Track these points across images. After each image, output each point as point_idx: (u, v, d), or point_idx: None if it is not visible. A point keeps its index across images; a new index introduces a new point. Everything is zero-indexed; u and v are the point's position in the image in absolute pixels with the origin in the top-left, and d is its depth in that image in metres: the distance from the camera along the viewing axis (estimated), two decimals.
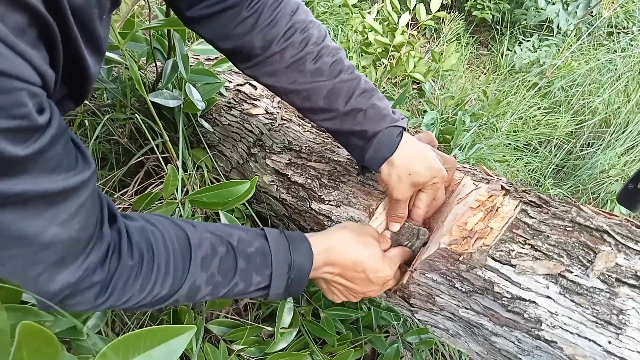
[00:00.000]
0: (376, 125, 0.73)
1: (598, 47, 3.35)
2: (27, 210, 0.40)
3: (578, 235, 0.62)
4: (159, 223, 0.60)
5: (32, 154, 0.38)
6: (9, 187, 0.37)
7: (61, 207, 0.44)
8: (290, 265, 0.65)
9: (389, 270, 0.71)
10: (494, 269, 0.64)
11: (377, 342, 1.19)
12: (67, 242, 0.46)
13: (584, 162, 2.57)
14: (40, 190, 0.40)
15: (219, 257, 0.61)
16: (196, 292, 0.60)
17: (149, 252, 0.56)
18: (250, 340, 1.02)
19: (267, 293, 0.66)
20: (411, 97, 2.33)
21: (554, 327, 0.58)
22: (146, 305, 0.58)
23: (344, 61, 0.75)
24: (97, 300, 0.52)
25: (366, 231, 0.74)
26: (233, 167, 1.06)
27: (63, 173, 0.43)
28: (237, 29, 0.72)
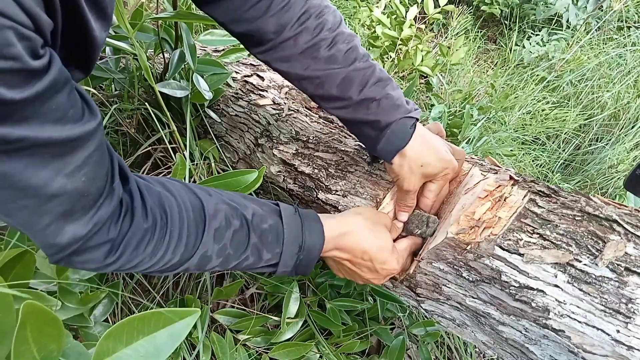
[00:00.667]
0: (390, 116, 0.72)
1: (608, 41, 3.31)
2: (32, 159, 0.40)
3: (587, 225, 0.62)
4: (176, 189, 0.59)
5: (30, 98, 0.37)
6: (9, 132, 0.37)
7: (67, 158, 0.43)
8: (301, 246, 0.66)
9: (395, 264, 0.71)
10: (501, 257, 0.63)
11: (383, 333, 1.19)
12: (74, 194, 0.45)
13: (592, 157, 2.55)
14: (43, 137, 0.39)
15: (232, 230, 0.61)
16: (207, 262, 0.60)
17: (163, 218, 0.56)
18: (256, 330, 1.02)
19: (275, 270, 0.67)
20: (419, 90, 2.32)
21: (561, 316, 0.58)
22: (155, 271, 0.58)
23: (358, 49, 0.74)
24: (106, 259, 0.52)
25: (380, 220, 0.74)
26: (240, 157, 1.06)
27: (69, 124, 0.42)
28: (249, 12, 0.70)
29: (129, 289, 0.91)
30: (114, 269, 0.54)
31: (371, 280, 0.74)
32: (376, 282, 0.74)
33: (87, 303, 0.71)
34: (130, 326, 0.47)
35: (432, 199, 0.77)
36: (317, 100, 0.77)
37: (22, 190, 0.41)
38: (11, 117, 0.37)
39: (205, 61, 1.07)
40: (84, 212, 0.48)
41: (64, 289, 0.69)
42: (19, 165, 0.39)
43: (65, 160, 0.43)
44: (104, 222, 0.50)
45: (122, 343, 0.46)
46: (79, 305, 0.70)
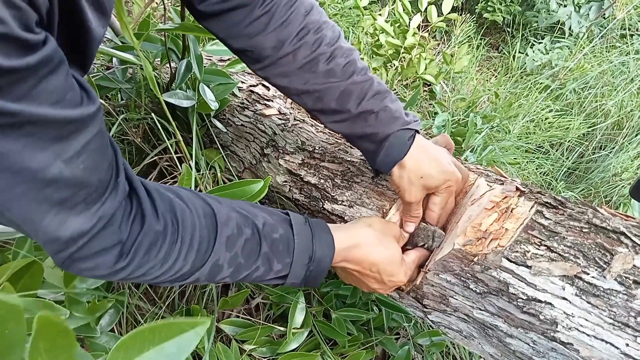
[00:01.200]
0: (387, 128, 0.73)
1: (611, 49, 3.32)
2: (29, 140, 0.38)
3: (594, 237, 0.62)
4: (186, 196, 0.59)
5: (22, 69, 0.35)
6: (3, 105, 0.35)
7: (66, 142, 0.42)
8: (312, 257, 0.65)
9: (403, 276, 0.71)
10: (509, 270, 0.63)
11: (388, 343, 1.18)
12: (72, 182, 0.43)
13: (596, 165, 2.55)
14: (39, 114, 0.38)
15: (244, 238, 0.60)
16: (218, 272, 0.59)
17: (174, 224, 0.55)
18: (261, 340, 1.02)
19: (284, 282, 0.66)
20: (422, 99, 2.33)
21: (570, 329, 0.58)
22: (164, 281, 0.57)
23: (357, 62, 0.74)
24: (116, 264, 0.51)
25: (389, 231, 0.74)
26: (246, 167, 1.07)
27: (67, 107, 0.41)
28: (249, 27, 0.71)
29: (135, 299, 0.91)
30: (123, 276, 0.53)
31: (378, 290, 0.74)
32: (382, 292, 0.75)
33: (95, 312, 0.72)
34: (140, 337, 0.45)
35: (437, 212, 0.77)
36: (316, 115, 0.78)
37: (18, 173, 0.39)
38: (6, 91, 0.36)
39: (211, 71, 1.07)
40: (87, 206, 0.46)
41: (72, 298, 0.69)
42: (16, 146, 0.38)
43: (63, 144, 0.41)
44: (110, 217, 0.49)
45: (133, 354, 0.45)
46: (87, 315, 0.71)
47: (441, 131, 1.74)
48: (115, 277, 0.53)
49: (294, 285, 0.68)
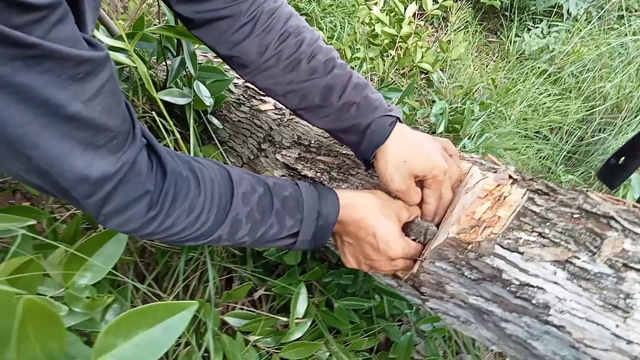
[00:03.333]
0: (369, 117, 0.76)
1: (609, 31, 3.30)
2: (51, 77, 0.42)
3: (585, 222, 0.63)
4: (201, 159, 0.64)
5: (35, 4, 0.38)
6: (24, 37, 0.39)
7: (82, 83, 0.45)
8: (319, 212, 0.70)
9: (399, 247, 0.72)
10: (502, 256, 0.65)
11: (391, 330, 1.20)
12: (91, 122, 0.47)
13: (595, 148, 2.55)
14: (57, 49, 0.41)
15: (258, 195, 0.66)
16: (238, 227, 0.64)
17: (196, 180, 0.59)
18: (266, 331, 1.04)
19: (295, 241, 0.71)
20: (419, 87, 2.33)
21: (562, 312, 0.59)
22: (190, 237, 0.61)
23: (336, 59, 0.78)
24: (147, 214, 0.55)
25: (392, 204, 0.76)
26: (244, 162, 1.08)
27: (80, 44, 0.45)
28: (234, 35, 0.75)
29: (140, 296, 0.93)
30: (154, 227, 0.57)
31: (374, 264, 0.75)
32: (379, 267, 0.75)
33: (95, 308, 0.72)
34: (128, 320, 0.47)
35: (433, 204, 0.77)
36: (302, 113, 0.82)
37: (41, 105, 0.42)
38: (26, 29, 0.39)
39: (206, 68, 1.08)
40: (110, 151, 0.50)
41: (71, 294, 0.70)
42: (38, 81, 0.41)
43: (80, 85, 0.45)
44: (132, 164, 0.53)
45: (122, 338, 0.47)
46: (87, 310, 0.71)
47: (439, 119, 1.75)
48: (147, 228, 0.57)
49: (304, 245, 0.71)
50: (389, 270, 0.77)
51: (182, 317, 0.49)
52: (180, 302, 0.49)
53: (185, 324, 0.49)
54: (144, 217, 0.55)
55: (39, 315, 0.44)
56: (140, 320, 0.47)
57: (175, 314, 0.48)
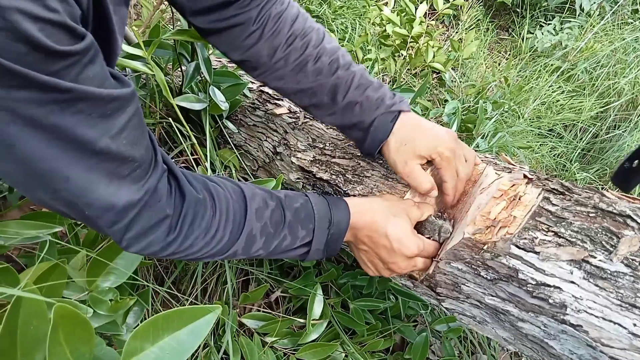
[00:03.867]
0: (371, 115, 0.80)
1: (623, 26, 3.26)
2: (81, 117, 0.45)
3: (601, 221, 0.63)
4: (215, 178, 0.68)
5: (72, 53, 0.42)
6: (60, 82, 0.42)
7: (110, 120, 0.48)
8: (331, 220, 0.72)
9: (412, 244, 0.73)
10: (518, 256, 0.65)
11: (406, 331, 1.21)
12: (118, 155, 0.50)
13: (610, 145, 2.52)
14: (88, 91, 0.44)
15: (270, 209, 0.69)
16: (252, 242, 0.67)
17: (211, 198, 0.63)
18: (282, 332, 1.05)
19: (309, 250, 0.73)
20: (432, 86, 2.33)
21: (578, 311, 0.59)
22: (207, 254, 0.64)
23: (340, 60, 0.82)
24: (167, 238, 0.58)
25: (401, 205, 0.77)
26: (260, 165, 1.10)
27: (106, 82, 0.47)
28: (245, 41, 0.79)
29: (159, 299, 0.95)
30: (174, 249, 0.60)
31: (391, 266, 0.75)
32: (397, 268, 0.75)
33: (118, 310, 0.74)
34: (155, 325, 0.49)
35: (451, 182, 0.78)
36: (312, 110, 0.86)
37: (71, 142, 0.45)
38: (60, 74, 0.42)
39: (221, 73, 1.10)
40: (134, 180, 0.53)
41: (95, 297, 0.72)
42: (71, 121, 0.44)
43: (108, 122, 0.48)
44: (154, 191, 0.56)
45: (149, 342, 0.49)
46: (110, 313, 0.73)
47: (452, 119, 1.74)
48: (166, 251, 0.60)
49: (317, 255, 0.74)
50: (408, 271, 0.77)
51: (207, 320, 0.50)
52: (205, 306, 0.51)
53: (210, 327, 0.50)
54: (164, 240, 0.58)
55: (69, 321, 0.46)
56: (166, 324, 0.49)
57: (199, 317, 0.50)
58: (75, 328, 0.47)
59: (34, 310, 0.50)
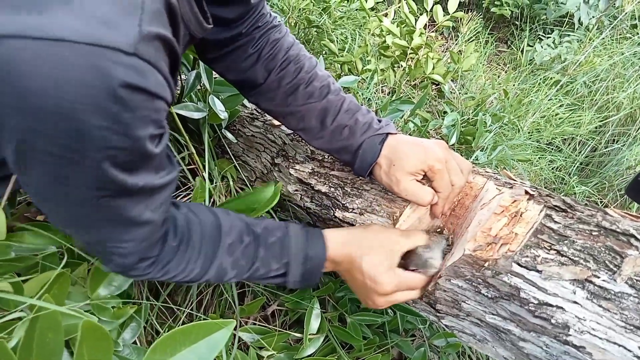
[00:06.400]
0: (359, 139, 0.81)
1: (622, 40, 3.28)
2: (134, 198, 0.53)
3: (604, 240, 0.62)
4: (199, 211, 0.71)
5: (159, 152, 0.51)
6: (136, 182, 0.50)
7: (156, 197, 0.56)
8: (306, 255, 0.73)
9: (386, 281, 0.72)
10: (519, 274, 0.64)
11: (404, 345, 1.19)
12: (154, 223, 0.58)
13: (609, 159, 2.52)
14: (149, 184, 0.53)
15: (244, 245, 0.71)
16: (223, 273, 0.70)
17: (186, 235, 0.67)
18: (279, 346, 1.04)
19: (286, 280, 0.74)
20: (431, 98, 2.33)
21: (582, 332, 0.58)
22: (182, 281, 0.69)
23: (330, 86, 0.85)
24: (146, 270, 0.64)
25: (386, 237, 0.75)
26: (257, 176, 1.08)
27: (161, 171, 0.55)
28: (243, 63, 0.84)
29: (154, 312, 0.94)
30: (151, 277, 0.66)
31: (367, 301, 0.76)
32: (375, 303, 0.75)
33: (119, 317, 0.76)
34: (173, 339, 0.52)
35: (445, 192, 0.77)
36: (300, 134, 0.88)
37: (119, 216, 0.53)
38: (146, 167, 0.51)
39: (221, 82, 1.09)
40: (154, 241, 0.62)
41: (99, 305, 0.75)
42: (124, 202, 0.52)
43: (154, 198, 0.56)
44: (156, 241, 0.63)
45: (167, 354, 0.52)
46: (113, 319, 0.76)
47: (451, 131, 1.74)
48: (145, 277, 0.66)
49: (295, 285, 0.75)
50: (389, 305, 0.76)
51: (222, 334, 0.54)
52: (220, 321, 0.54)
53: (225, 340, 0.54)
54: (143, 271, 0.64)
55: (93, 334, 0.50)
56: (184, 338, 0.52)
57: (215, 331, 0.54)
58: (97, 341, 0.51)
59: (50, 323, 0.53)
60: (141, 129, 0.45)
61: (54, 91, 0.39)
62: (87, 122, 0.41)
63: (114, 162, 0.46)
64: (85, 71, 0.39)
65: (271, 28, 0.85)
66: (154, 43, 0.44)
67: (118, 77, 0.40)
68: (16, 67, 0.37)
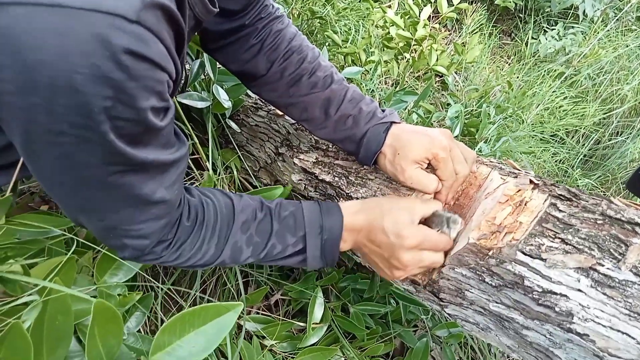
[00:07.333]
0: (363, 128, 0.81)
1: (627, 32, 3.25)
2: (146, 175, 0.53)
3: (609, 228, 0.62)
4: (211, 193, 0.71)
5: (164, 126, 0.50)
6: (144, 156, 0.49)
7: (167, 175, 0.56)
8: (322, 226, 0.72)
9: (411, 234, 0.69)
10: (524, 263, 0.64)
11: (406, 336, 1.20)
12: (169, 202, 0.58)
13: (613, 152, 2.51)
14: (158, 159, 0.52)
15: (258, 221, 0.71)
16: (239, 252, 0.70)
17: (200, 216, 0.67)
18: (282, 335, 1.04)
19: (305, 258, 0.73)
20: (435, 90, 2.32)
21: (585, 320, 0.58)
22: (196, 264, 0.69)
23: (334, 75, 0.85)
24: (162, 253, 0.64)
25: (402, 202, 0.75)
26: (261, 166, 1.08)
27: (170, 148, 0.55)
28: (245, 54, 0.84)
29: (158, 301, 0.94)
30: (164, 260, 0.66)
31: (402, 266, 0.71)
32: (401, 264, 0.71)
33: (125, 305, 0.77)
34: (182, 320, 0.53)
35: (448, 181, 0.77)
36: (305, 124, 0.88)
37: (133, 195, 0.53)
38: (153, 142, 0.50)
39: (225, 72, 1.09)
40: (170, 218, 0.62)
41: (105, 292, 0.75)
42: (136, 179, 0.52)
43: (165, 176, 0.56)
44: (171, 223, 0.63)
45: (176, 336, 0.53)
46: (119, 307, 0.76)
47: (454, 123, 1.73)
48: (158, 261, 0.66)
49: (316, 261, 0.73)
50: (418, 267, 0.72)
51: (229, 317, 0.55)
52: (228, 303, 0.55)
53: (232, 323, 0.55)
54: (158, 255, 0.64)
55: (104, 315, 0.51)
56: (192, 319, 0.53)
57: (223, 314, 0.54)
58: (109, 322, 0.52)
59: (60, 306, 0.54)
60: (144, 100, 0.45)
61: (56, 63, 0.38)
62: (91, 93, 0.40)
63: (120, 134, 0.45)
64: (88, 39, 0.38)
65: (274, 19, 0.85)
66: (156, 12, 0.43)
67: (121, 44, 0.40)
68: (17, 37, 0.37)
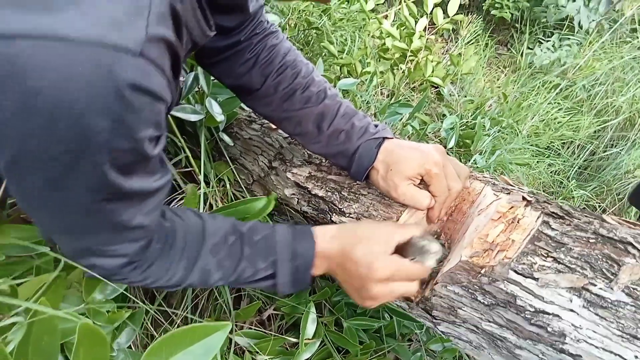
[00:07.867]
0: (355, 143, 0.81)
1: (622, 44, 3.27)
2: (129, 202, 0.52)
3: (601, 247, 0.62)
4: (184, 214, 0.70)
5: (156, 154, 0.51)
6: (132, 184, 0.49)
7: (149, 202, 0.55)
8: (294, 252, 0.70)
9: (382, 266, 0.66)
10: (516, 282, 0.64)
11: (401, 350, 1.19)
12: (146, 228, 0.58)
13: (608, 163, 2.52)
14: (147, 188, 0.53)
15: (229, 244, 0.69)
16: (207, 275, 0.68)
17: (171, 238, 0.66)
18: (274, 350, 1.03)
19: (275, 283, 0.71)
20: (430, 101, 2.33)
21: (578, 340, 0.58)
22: (164, 285, 0.67)
23: (327, 90, 0.85)
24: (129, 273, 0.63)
25: (379, 229, 0.71)
26: (255, 179, 1.08)
27: (154, 175, 0.55)
28: (240, 68, 0.84)
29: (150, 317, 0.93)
30: (130, 281, 0.65)
31: (375, 296, 0.68)
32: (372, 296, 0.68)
33: (114, 322, 0.76)
34: (169, 341, 0.52)
35: (441, 197, 0.76)
36: (298, 139, 0.88)
37: (112, 221, 0.53)
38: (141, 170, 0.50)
39: (219, 85, 1.08)
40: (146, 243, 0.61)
41: (94, 309, 0.74)
42: (118, 206, 0.51)
43: (146, 202, 0.55)
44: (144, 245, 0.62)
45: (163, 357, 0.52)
46: (108, 324, 0.75)
47: (450, 134, 1.74)
48: (125, 282, 0.66)
49: (285, 288, 0.71)
50: (388, 299, 0.71)
51: (218, 337, 0.54)
52: (216, 323, 0.54)
53: (221, 343, 0.54)
54: (125, 275, 0.63)
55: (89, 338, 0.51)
56: (180, 340, 0.53)
57: (211, 334, 0.54)
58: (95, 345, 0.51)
59: (47, 327, 0.54)
60: (142, 131, 0.45)
61: (59, 91, 0.39)
62: (92, 123, 0.41)
63: (114, 164, 0.45)
64: (92, 71, 0.39)
65: (269, 34, 0.86)
66: (159, 45, 0.44)
67: (124, 78, 0.40)
68: (21, 67, 0.37)
